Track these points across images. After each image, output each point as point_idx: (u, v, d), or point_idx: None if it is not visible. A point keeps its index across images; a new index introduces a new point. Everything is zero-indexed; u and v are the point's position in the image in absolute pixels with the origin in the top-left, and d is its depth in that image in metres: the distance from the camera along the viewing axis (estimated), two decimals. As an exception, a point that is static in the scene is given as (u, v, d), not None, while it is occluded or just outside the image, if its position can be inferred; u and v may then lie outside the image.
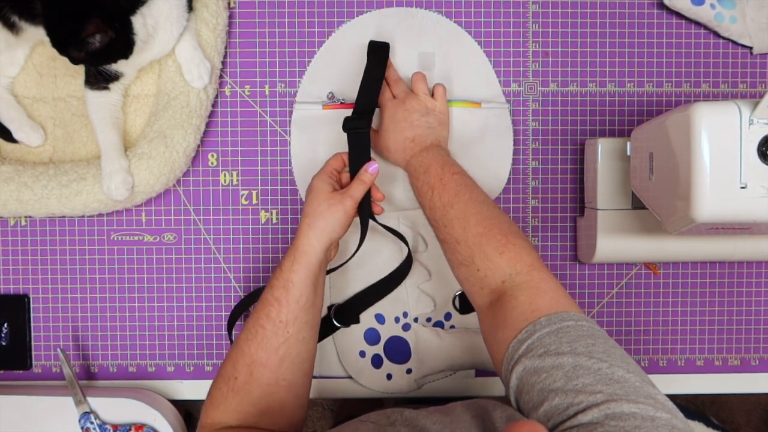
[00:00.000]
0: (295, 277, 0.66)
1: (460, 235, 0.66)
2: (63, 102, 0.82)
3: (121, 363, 0.84)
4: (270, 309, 0.66)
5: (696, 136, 0.58)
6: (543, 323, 0.55)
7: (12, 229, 0.83)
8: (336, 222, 0.68)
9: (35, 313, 0.84)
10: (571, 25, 0.85)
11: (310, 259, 0.67)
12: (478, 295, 0.64)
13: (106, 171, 0.76)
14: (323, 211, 0.68)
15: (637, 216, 0.78)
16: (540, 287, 0.59)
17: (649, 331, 0.86)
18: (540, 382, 0.51)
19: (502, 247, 0.63)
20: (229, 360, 0.66)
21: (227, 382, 0.64)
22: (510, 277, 0.61)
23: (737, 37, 0.84)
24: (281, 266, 0.68)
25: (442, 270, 0.83)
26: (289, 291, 0.66)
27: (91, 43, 0.68)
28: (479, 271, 0.63)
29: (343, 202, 0.69)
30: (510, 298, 0.59)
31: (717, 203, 0.58)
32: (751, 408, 1.56)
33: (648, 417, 0.46)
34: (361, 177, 0.72)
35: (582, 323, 0.54)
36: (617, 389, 0.48)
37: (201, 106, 0.79)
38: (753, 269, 0.86)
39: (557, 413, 0.48)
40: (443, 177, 0.70)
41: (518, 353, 0.54)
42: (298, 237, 0.68)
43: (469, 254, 0.64)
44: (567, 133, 0.85)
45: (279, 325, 0.65)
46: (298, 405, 0.67)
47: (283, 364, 0.65)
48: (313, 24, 0.84)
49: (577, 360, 0.50)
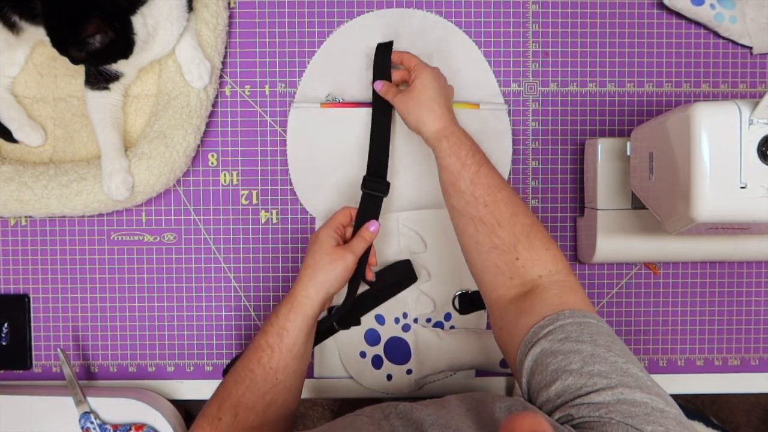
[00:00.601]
0: (290, 326, 0.67)
1: (506, 219, 0.64)
2: (63, 102, 0.82)
3: (121, 363, 0.84)
4: (262, 354, 0.66)
5: (696, 136, 0.58)
6: (566, 315, 0.56)
7: (12, 229, 0.83)
8: (335, 277, 0.69)
9: (35, 313, 0.84)
10: (571, 25, 0.85)
11: (307, 311, 0.68)
12: (504, 285, 0.63)
13: (106, 171, 0.76)
14: (324, 265, 0.69)
15: (637, 216, 0.78)
16: (574, 288, 0.61)
17: (649, 331, 0.86)
18: (556, 362, 0.52)
19: (549, 244, 0.64)
20: (215, 400, 0.66)
21: (211, 422, 0.64)
22: (549, 273, 0.62)
23: (737, 37, 0.84)
24: (277, 313, 0.68)
25: (441, 271, 0.83)
26: (283, 339, 0.67)
27: (91, 43, 0.68)
28: (518, 260, 0.63)
29: (344, 258, 0.70)
30: (542, 290, 0.60)
31: (717, 203, 0.58)
32: (750, 408, 1.56)
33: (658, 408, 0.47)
34: (363, 234, 0.73)
35: (602, 324, 0.56)
36: (631, 381, 0.49)
37: (201, 106, 0.79)
38: (753, 269, 0.86)
39: (569, 392, 0.49)
40: (489, 162, 0.69)
41: (538, 336, 0.55)
42: (296, 287, 0.69)
43: (511, 241, 0.63)
44: (567, 133, 0.85)
45: (269, 371, 0.66)
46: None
47: (269, 409, 0.65)
48: (313, 24, 0.84)
49: (595, 350, 0.52)
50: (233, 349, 0.84)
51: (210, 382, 0.84)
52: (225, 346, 0.84)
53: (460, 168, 0.68)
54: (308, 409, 1.50)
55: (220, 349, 0.84)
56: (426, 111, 0.72)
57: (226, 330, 0.84)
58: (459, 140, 0.69)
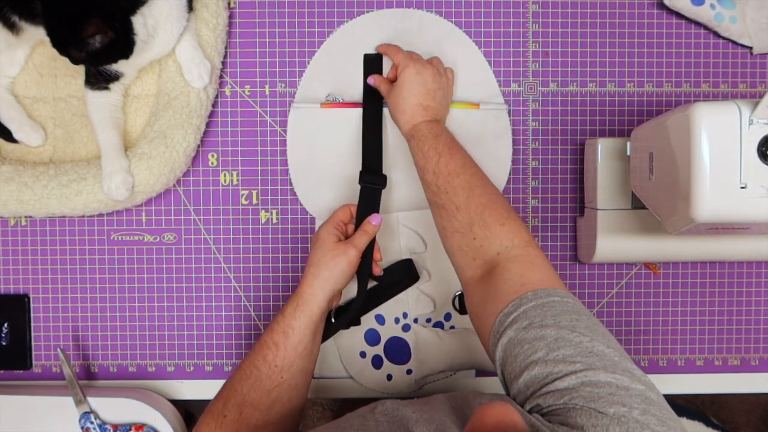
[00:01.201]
0: (296, 324, 0.67)
1: (462, 202, 0.66)
2: (63, 102, 0.82)
3: (121, 363, 0.84)
4: (267, 352, 0.67)
5: (696, 136, 0.58)
6: (529, 297, 0.55)
7: (12, 229, 0.83)
8: (340, 273, 0.70)
9: (35, 313, 0.84)
10: (571, 25, 0.85)
11: (313, 309, 0.68)
12: (470, 266, 0.64)
13: (106, 171, 0.76)
14: (327, 262, 0.70)
15: (637, 216, 0.78)
16: (534, 262, 0.60)
17: (649, 331, 0.86)
18: (522, 353, 0.52)
19: (503, 219, 0.64)
20: (220, 397, 0.66)
21: (216, 418, 0.64)
22: (506, 249, 0.62)
23: (737, 37, 0.84)
24: (283, 311, 0.69)
25: (441, 271, 0.83)
26: (289, 337, 0.67)
27: (91, 44, 0.68)
28: (476, 240, 0.64)
29: (347, 253, 0.70)
30: (503, 269, 0.60)
31: (717, 203, 0.58)
32: (750, 408, 1.56)
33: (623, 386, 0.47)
34: (365, 228, 0.74)
35: (567, 300, 0.55)
36: (596, 361, 0.49)
37: (201, 106, 0.79)
38: (753, 269, 0.86)
39: (536, 382, 0.50)
40: (452, 147, 0.71)
41: (504, 326, 0.55)
42: (302, 285, 0.70)
43: (467, 222, 0.65)
44: (567, 133, 0.85)
45: (274, 369, 0.66)
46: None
47: (273, 407, 0.66)
48: (313, 24, 0.84)
49: (559, 333, 0.51)
50: (233, 349, 0.84)
51: (210, 382, 0.84)
52: (225, 346, 0.84)
53: (424, 162, 0.71)
54: (308, 409, 1.50)
55: (220, 349, 0.84)
56: (400, 113, 0.76)
57: (226, 330, 0.84)
58: (423, 136, 0.72)
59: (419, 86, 0.75)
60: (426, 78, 0.75)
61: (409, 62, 0.76)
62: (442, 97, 0.77)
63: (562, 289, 0.57)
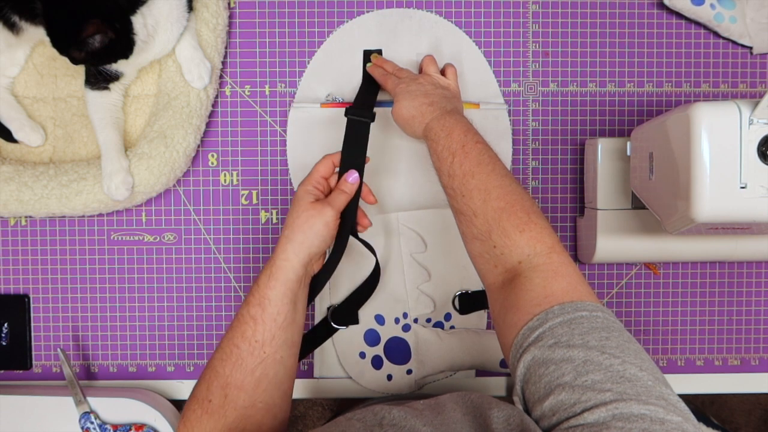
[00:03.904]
0: (271, 294, 0.63)
1: (479, 207, 0.62)
2: (63, 102, 0.82)
3: (121, 363, 0.84)
4: (245, 328, 0.62)
5: (696, 136, 0.58)
6: (556, 312, 0.52)
7: (12, 229, 0.83)
8: (315, 236, 0.64)
9: (35, 313, 0.84)
10: (571, 25, 0.85)
11: (288, 275, 0.63)
12: (491, 272, 0.61)
13: (106, 171, 0.76)
14: (302, 224, 0.65)
15: (637, 216, 0.78)
16: (558, 271, 0.57)
17: (649, 331, 0.86)
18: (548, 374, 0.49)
19: (522, 225, 0.60)
20: (203, 381, 0.62)
21: (201, 404, 0.61)
22: (528, 257, 0.58)
23: (737, 37, 0.84)
24: (258, 282, 0.64)
25: (441, 270, 0.83)
26: (266, 309, 0.62)
27: (91, 44, 0.68)
28: (495, 248, 0.60)
29: (322, 214, 0.65)
30: (525, 279, 0.57)
31: (717, 203, 0.58)
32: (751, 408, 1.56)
33: (657, 419, 0.44)
34: (341, 187, 0.69)
35: (597, 314, 0.52)
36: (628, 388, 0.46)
37: (201, 106, 0.79)
38: (753, 269, 0.86)
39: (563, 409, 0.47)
40: (466, 144, 0.66)
41: (528, 341, 0.52)
42: (275, 251, 0.65)
43: (486, 229, 0.61)
44: (567, 133, 0.85)
45: (255, 345, 0.62)
46: (276, 427, 0.63)
47: (259, 386, 0.62)
48: (313, 24, 0.84)
49: (588, 354, 0.48)
50: (233, 349, 0.84)
51: (210, 382, 0.84)
52: (225, 346, 0.84)
53: (439, 164, 0.67)
54: (308, 409, 1.50)
55: (220, 349, 0.84)
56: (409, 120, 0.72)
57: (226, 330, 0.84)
58: (435, 136, 0.68)
59: (414, 91, 0.73)
60: (421, 84, 0.74)
61: (399, 83, 0.75)
62: (442, 92, 0.75)
63: (590, 298, 0.54)
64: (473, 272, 0.83)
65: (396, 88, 0.75)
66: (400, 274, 0.83)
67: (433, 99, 0.72)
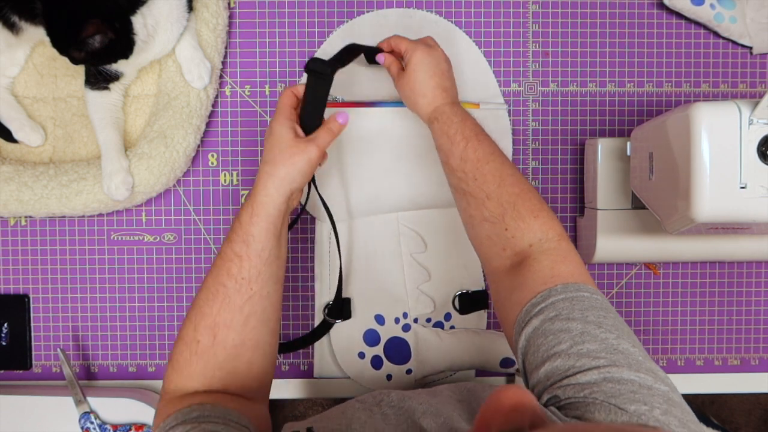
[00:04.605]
0: (255, 230, 0.62)
1: (493, 191, 0.64)
2: (63, 102, 0.82)
3: (121, 363, 0.84)
4: (230, 266, 0.62)
5: (696, 136, 0.58)
6: (559, 290, 0.55)
7: (12, 229, 0.83)
8: (298, 172, 0.64)
9: (35, 313, 0.84)
10: (571, 25, 0.85)
11: (270, 211, 0.63)
12: (498, 256, 0.63)
13: (106, 171, 0.76)
14: (285, 160, 0.64)
15: (637, 216, 0.78)
16: (566, 257, 0.59)
17: (649, 331, 0.86)
18: (546, 343, 0.51)
19: (537, 211, 0.62)
20: (190, 322, 0.62)
21: (189, 345, 0.61)
22: (539, 241, 0.61)
23: (737, 37, 0.84)
24: (239, 219, 0.63)
25: (441, 271, 0.83)
26: (250, 245, 0.62)
27: (91, 44, 0.68)
28: (507, 231, 0.62)
29: (307, 152, 0.64)
30: (534, 261, 0.59)
31: (717, 203, 0.58)
32: (751, 408, 1.56)
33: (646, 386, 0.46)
34: (330, 126, 0.68)
35: (596, 296, 0.55)
36: (620, 358, 0.48)
37: (201, 106, 0.79)
38: (753, 269, 0.86)
39: (557, 373, 0.49)
40: (479, 133, 0.68)
41: (530, 315, 0.54)
42: (256, 186, 0.64)
43: (499, 212, 0.63)
44: (567, 133, 0.85)
45: (242, 282, 0.61)
46: (266, 365, 0.64)
47: (248, 323, 0.61)
48: (313, 24, 0.84)
49: (586, 327, 0.51)
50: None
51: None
52: (225, 346, 0.84)
53: (450, 146, 0.68)
54: (308, 409, 1.50)
55: (220, 349, 0.84)
56: (419, 96, 0.72)
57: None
58: (448, 119, 0.69)
59: (433, 67, 0.72)
60: (437, 58, 0.73)
61: (417, 46, 0.73)
62: (452, 79, 0.75)
63: (592, 285, 0.57)
64: (473, 272, 0.84)
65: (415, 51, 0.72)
66: (400, 274, 0.83)
67: (446, 85, 0.72)
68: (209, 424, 0.53)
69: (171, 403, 0.58)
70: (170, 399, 0.60)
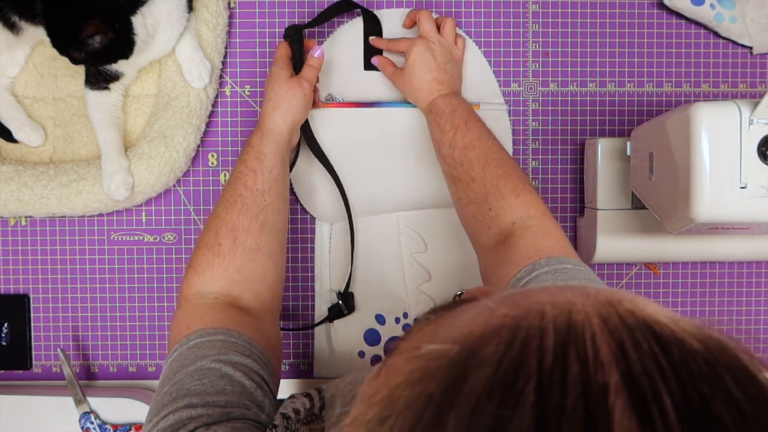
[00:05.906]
0: (266, 150, 0.69)
1: (477, 174, 0.68)
2: (63, 102, 0.82)
3: (121, 363, 0.84)
4: (246, 179, 0.68)
5: (696, 136, 0.58)
6: (542, 263, 0.57)
7: (12, 229, 0.83)
8: (297, 103, 0.72)
9: (35, 313, 0.84)
10: (571, 25, 0.84)
11: (277, 137, 0.70)
12: (485, 234, 0.66)
13: (106, 171, 0.76)
14: (284, 94, 0.72)
15: (637, 216, 0.78)
16: (548, 232, 0.63)
17: (649, 331, 0.86)
18: None
19: (519, 191, 0.66)
20: (210, 229, 0.66)
21: (211, 248, 0.65)
22: (521, 219, 0.64)
23: (737, 37, 0.84)
24: (250, 143, 0.70)
25: (442, 271, 0.83)
26: (263, 162, 0.68)
27: (91, 44, 0.68)
28: (491, 210, 0.66)
29: (301, 86, 0.73)
30: (517, 237, 0.62)
31: (717, 203, 0.58)
32: (751, 408, 1.56)
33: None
34: (310, 62, 0.76)
35: (580, 267, 0.57)
36: None
37: (201, 106, 0.79)
38: (753, 269, 0.86)
39: None
40: (469, 121, 0.72)
41: None
42: (262, 118, 0.71)
43: (483, 193, 0.67)
44: (567, 133, 0.85)
45: (257, 192, 0.67)
46: (278, 276, 0.68)
47: (263, 230, 0.66)
48: (313, 24, 0.83)
49: None
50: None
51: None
52: (225, 346, 0.84)
53: (441, 135, 0.73)
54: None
55: (220, 349, 0.84)
56: (417, 91, 0.77)
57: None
58: (440, 111, 0.74)
59: (430, 62, 0.76)
60: (435, 53, 0.76)
61: (415, 42, 0.77)
62: (452, 69, 0.78)
63: (575, 258, 0.59)
64: (474, 272, 0.84)
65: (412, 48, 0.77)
66: (400, 274, 0.83)
67: (444, 78, 0.76)
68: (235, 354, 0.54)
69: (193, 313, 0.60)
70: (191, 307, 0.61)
